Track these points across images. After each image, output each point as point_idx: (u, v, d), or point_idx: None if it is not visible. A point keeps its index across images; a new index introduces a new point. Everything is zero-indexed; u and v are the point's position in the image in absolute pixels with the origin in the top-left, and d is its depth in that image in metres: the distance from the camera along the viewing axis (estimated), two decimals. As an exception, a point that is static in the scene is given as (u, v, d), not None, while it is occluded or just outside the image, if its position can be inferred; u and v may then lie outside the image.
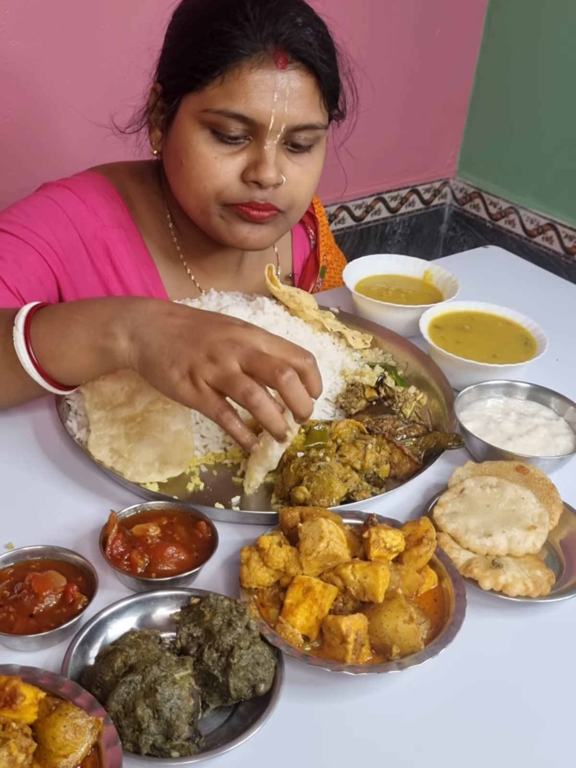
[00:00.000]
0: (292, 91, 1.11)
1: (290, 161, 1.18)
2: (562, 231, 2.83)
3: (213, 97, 1.12)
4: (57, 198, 1.27)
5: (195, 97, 1.14)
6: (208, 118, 1.13)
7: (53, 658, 0.80)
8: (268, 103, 1.11)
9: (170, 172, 1.24)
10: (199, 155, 1.15)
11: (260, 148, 1.14)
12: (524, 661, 0.85)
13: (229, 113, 1.11)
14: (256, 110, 1.11)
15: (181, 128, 1.17)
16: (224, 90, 1.11)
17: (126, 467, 1.00)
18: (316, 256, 1.58)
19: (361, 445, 1.02)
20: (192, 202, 1.21)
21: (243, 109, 1.11)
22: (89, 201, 1.29)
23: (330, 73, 1.17)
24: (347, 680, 0.80)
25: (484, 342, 1.29)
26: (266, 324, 1.20)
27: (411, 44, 2.74)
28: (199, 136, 1.15)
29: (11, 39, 1.98)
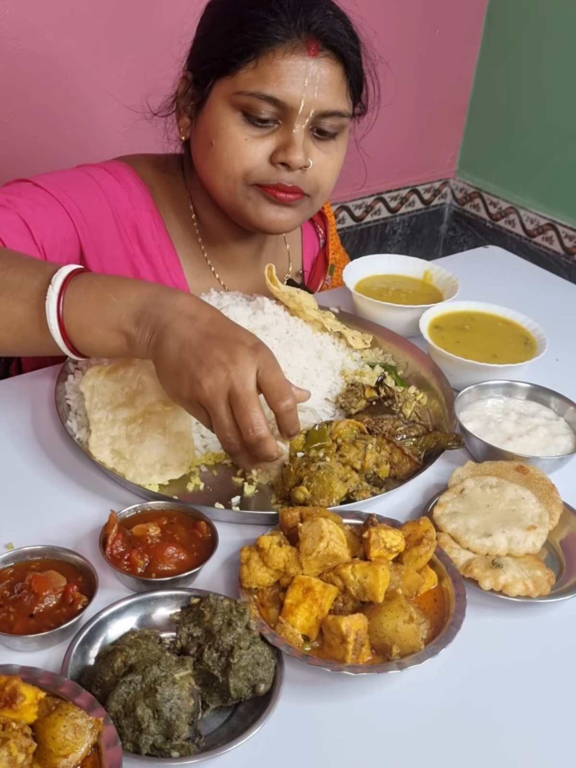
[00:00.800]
0: (322, 78, 1.17)
1: (316, 147, 1.23)
2: (562, 231, 2.83)
3: (246, 80, 1.16)
4: (94, 174, 1.31)
5: (228, 80, 1.18)
6: (240, 100, 1.17)
7: (53, 658, 0.80)
8: (299, 88, 1.16)
9: (199, 155, 1.27)
10: (230, 136, 1.19)
11: (289, 132, 1.19)
12: (524, 661, 0.85)
13: (261, 95, 1.16)
14: (288, 94, 1.16)
15: (213, 111, 1.21)
16: (257, 74, 1.16)
17: (127, 469, 1.00)
18: (326, 254, 1.60)
19: (361, 445, 1.02)
20: (221, 183, 1.23)
21: (275, 92, 1.15)
22: (123, 182, 1.33)
23: (357, 63, 1.23)
24: (347, 680, 0.80)
25: (484, 342, 1.29)
26: (266, 324, 1.20)
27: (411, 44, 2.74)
28: (231, 118, 1.19)
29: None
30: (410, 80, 2.81)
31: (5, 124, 2.05)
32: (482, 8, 2.85)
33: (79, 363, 1.19)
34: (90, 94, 2.15)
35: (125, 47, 2.15)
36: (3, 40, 1.96)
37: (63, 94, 2.11)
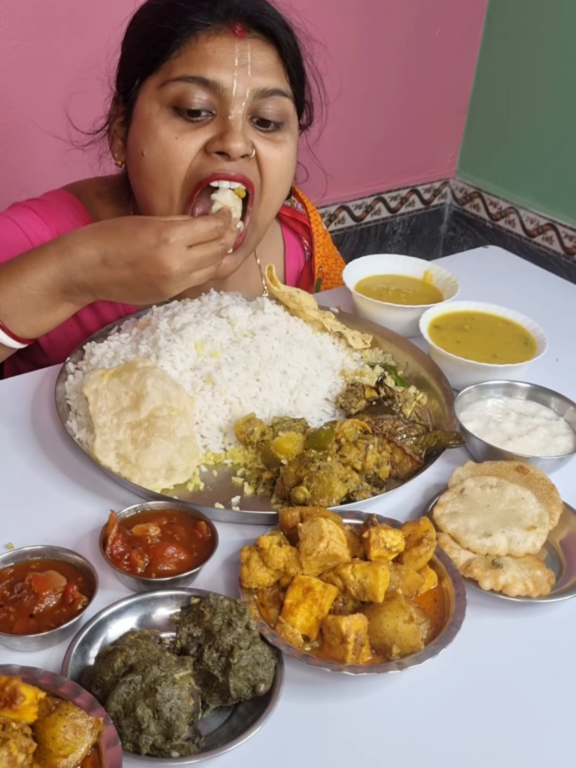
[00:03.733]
0: (253, 58, 1.11)
1: (259, 137, 1.15)
2: (562, 231, 2.83)
3: (171, 68, 1.12)
4: (20, 220, 1.26)
5: (153, 78, 1.14)
6: (168, 91, 1.11)
7: (53, 658, 0.80)
8: (229, 68, 1.10)
9: (133, 175, 1.21)
10: (159, 140, 1.12)
11: (225, 119, 1.11)
12: (524, 661, 0.85)
13: (188, 77, 1.10)
14: (217, 74, 1.10)
15: (141, 115, 1.15)
16: (182, 59, 1.11)
17: (133, 473, 1.00)
18: (311, 268, 1.55)
19: (363, 446, 1.02)
20: (158, 200, 1.17)
21: (202, 72, 1.09)
22: (54, 225, 1.28)
23: (291, 44, 1.16)
24: (347, 680, 0.80)
25: (484, 342, 1.29)
26: (266, 324, 1.20)
27: (411, 44, 2.74)
28: (160, 117, 1.12)
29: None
30: (410, 80, 2.81)
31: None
32: (482, 8, 2.85)
33: (80, 363, 1.19)
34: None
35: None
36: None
37: None
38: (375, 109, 2.76)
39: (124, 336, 1.21)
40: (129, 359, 1.13)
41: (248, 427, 1.05)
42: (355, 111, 2.68)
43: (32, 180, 1.42)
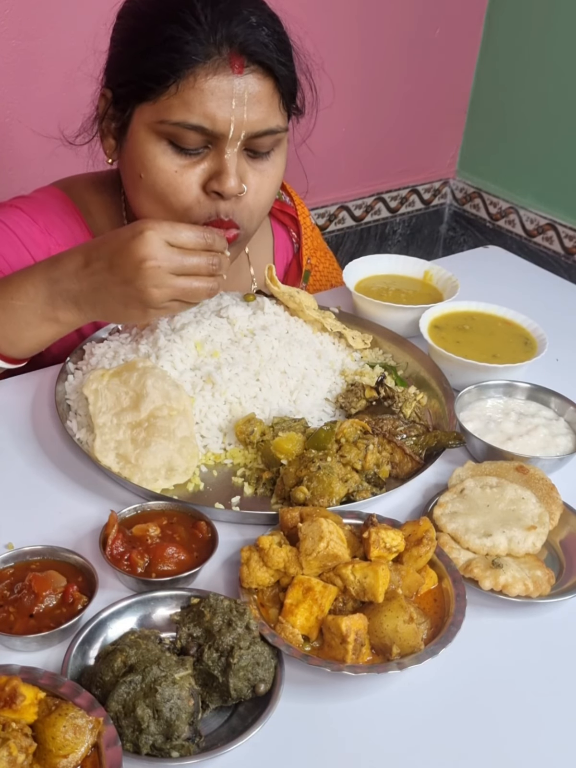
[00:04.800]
0: (250, 96, 1.07)
1: (251, 168, 1.14)
2: (562, 231, 2.83)
3: (168, 107, 1.07)
4: (7, 220, 1.25)
5: (149, 107, 1.09)
6: (164, 129, 1.08)
7: (53, 658, 0.80)
8: (227, 111, 1.06)
9: (129, 185, 1.20)
10: (158, 169, 1.11)
11: (220, 158, 1.10)
12: (524, 661, 0.85)
13: (187, 125, 1.07)
14: (215, 120, 1.06)
15: (137, 140, 1.12)
16: (180, 100, 1.06)
17: (133, 473, 1.00)
18: (299, 260, 1.54)
19: (363, 446, 1.02)
20: (162, 216, 1.15)
21: (201, 120, 1.06)
22: (42, 221, 1.26)
23: (288, 74, 1.12)
24: (347, 680, 0.80)
25: (484, 342, 1.29)
26: (266, 324, 1.20)
27: (411, 44, 2.74)
28: (157, 148, 1.10)
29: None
30: (410, 80, 2.81)
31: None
32: (482, 8, 2.85)
33: (80, 363, 1.19)
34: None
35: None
36: None
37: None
38: (375, 109, 2.76)
39: (124, 336, 1.22)
40: (129, 359, 1.13)
41: (248, 427, 1.05)
42: (354, 111, 2.67)
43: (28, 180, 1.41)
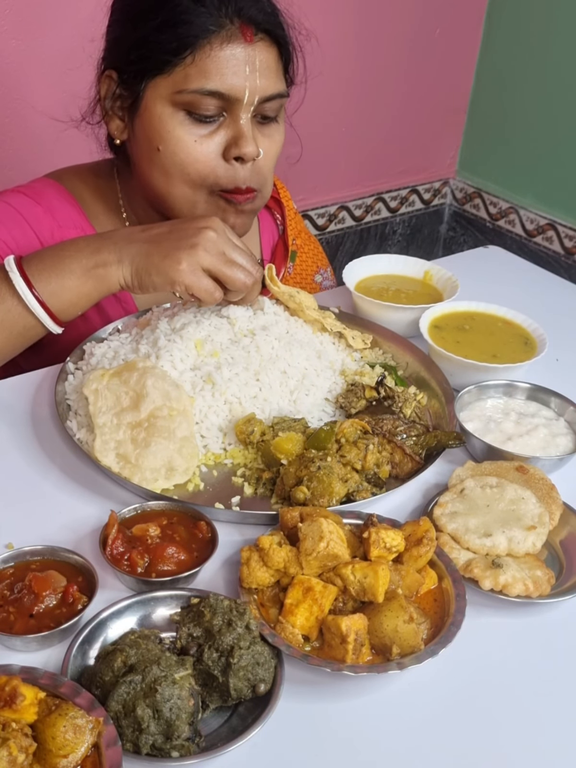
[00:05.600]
0: (261, 63, 1.13)
1: (260, 133, 1.19)
2: (562, 231, 2.83)
3: (185, 77, 1.12)
4: (12, 201, 1.27)
5: (163, 79, 1.14)
6: (182, 99, 1.13)
7: (53, 658, 0.80)
8: (242, 77, 1.12)
9: (143, 161, 1.22)
10: (178, 140, 1.15)
11: (236, 124, 1.15)
12: (524, 662, 0.85)
13: (205, 91, 1.12)
14: (232, 85, 1.12)
15: (152, 114, 1.16)
16: (197, 69, 1.11)
17: (133, 473, 1.00)
18: (285, 240, 1.57)
19: (363, 446, 1.02)
20: (177, 190, 1.20)
21: (219, 86, 1.12)
22: (44, 203, 1.29)
23: (288, 42, 1.19)
24: (347, 680, 0.80)
25: (484, 342, 1.29)
26: (266, 324, 1.20)
27: (411, 44, 2.74)
28: (174, 119, 1.15)
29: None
30: (410, 80, 2.81)
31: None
32: (482, 8, 2.85)
33: (80, 363, 1.19)
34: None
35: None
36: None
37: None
38: (375, 108, 2.76)
39: (124, 336, 1.22)
40: (129, 359, 1.13)
41: (248, 427, 1.05)
42: (354, 111, 2.68)
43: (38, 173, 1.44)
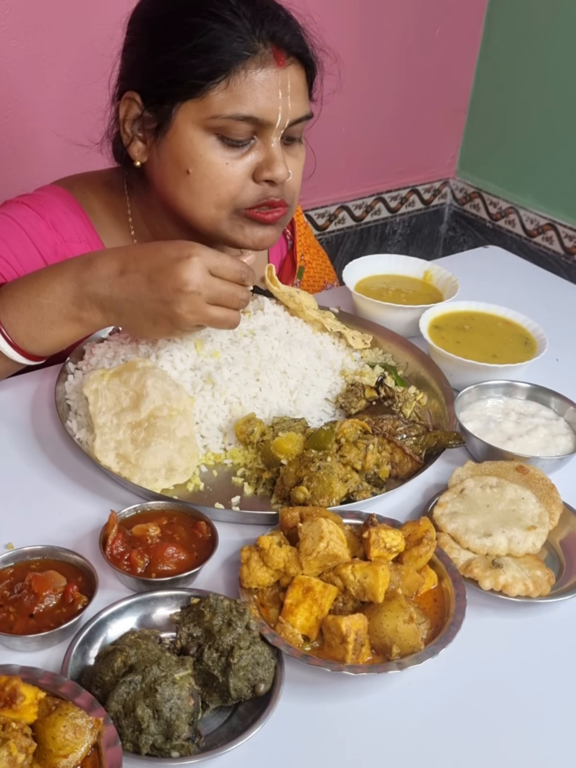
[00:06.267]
0: (292, 87, 1.14)
1: (287, 154, 1.19)
2: (562, 231, 2.83)
3: (219, 102, 1.11)
4: (15, 215, 1.25)
5: (195, 104, 1.12)
6: (215, 123, 1.12)
7: (53, 658, 0.80)
8: (275, 102, 1.12)
9: (169, 182, 1.21)
10: (209, 163, 1.15)
11: (267, 147, 1.15)
12: (524, 661, 0.85)
13: (239, 117, 1.11)
14: (266, 110, 1.12)
15: (183, 138, 1.15)
16: (230, 94, 1.10)
17: (133, 473, 1.00)
18: (293, 256, 1.56)
19: (363, 446, 1.02)
20: (202, 211, 1.19)
21: (253, 111, 1.11)
22: (48, 217, 1.27)
23: (314, 64, 1.20)
24: (347, 680, 0.80)
25: (484, 342, 1.29)
26: (266, 324, 1.21)
27: (411, 44, 2.74)
28: (206, 143, 1.14)
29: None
30: (410, 80, 2.81)
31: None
32: (482, 8, 2.85)
33: (80, 363, 1.19)
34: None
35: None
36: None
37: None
38: (375, 108, 2.76)
39: (124, 336, 1.21)
40: (129, 359, 1.13)
41: (248, 427, 1.05)
42: (354, 111, 2.67)
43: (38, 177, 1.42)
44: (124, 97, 1.19)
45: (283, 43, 1.12)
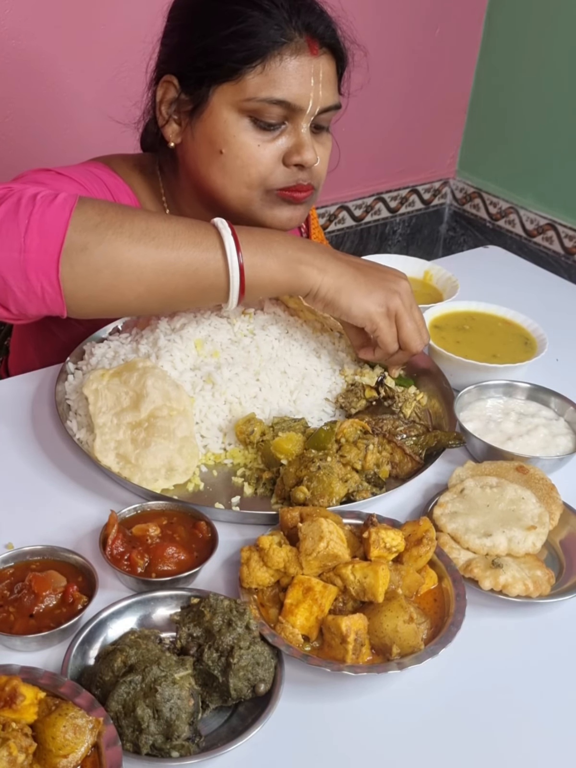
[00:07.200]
0: (324, 76, 1.18)
1: (315, 141, 1.23)
2: (562, 231, 2.83)
3: (255, 85, 1.15)
4: (93, 170, 1.29)
5: (231, 86, 1.17)
6: (249, 106, 1.16)
7: (53, 658, 0.80)
8: (308, 88, 1.16)
9: (201, 163, 1.24)
10: (242, 144, 1.18)
11: (298, 132, 1.19)
12: (524, 662, 0.85)
13: (273, 100, 1.15)
14: (298, 95, 1.16)
15: (218, 119, 1.19)
16: (267, 78, 1.15)
17: (133, 473, 1.00)
18: None
19: (363, 446, 1.02)
20: (233, 191, 1.22)
21: (286, 95, 1.15)
22: (118, 178, 1.31)
23: (345, 56, 1.24)
24: (347, 680, 0.80)
25: (484, 342, 1.29)
26: (266, 323, 1.21)
27: (411, 44, 2.74)
28: (239, 125, 1.18)
29: (11, 39, 1.99)
30: (410, 80, 2.81)
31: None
32: (482, 8, 2.86)
33: (80, 363, 1.19)
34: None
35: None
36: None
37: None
38: (375, 109, 2.76)
39: (124, 336, 1.22)
40: (129, 359, 1.13)
41: (248, 427, 1.05)
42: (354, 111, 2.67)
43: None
44: (162, 81, 1.23)
45: (317, 33, 1.17)
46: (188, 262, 1.01)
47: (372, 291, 1.09)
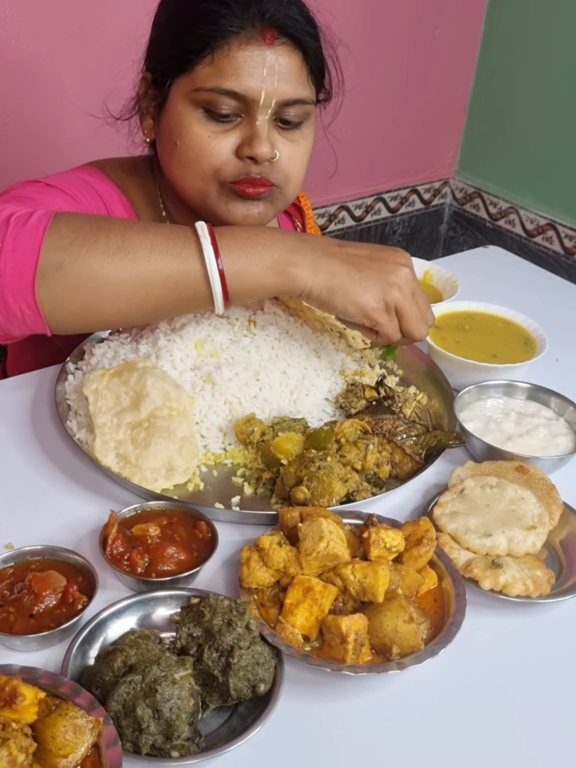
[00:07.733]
0: (280, 67, 1.14)
1: (282, 137, 1.20)
2: (562, 231, 2.83)
3: (204, 75, 1.14)
4: (84, 176, 1.29)
5: (186, 78, 1.16)
6: (200, 96, 1.15)
7: (53, 658, 0.80)
8: (258, 79, 1.13)
9: (164, 156, 1.25)
10: (193, 135, 1.17)
11: (252, 125, 1.16)
12: (524, 662, 0.85)
13: (220, 90, 1.13)
14: (247, 86, 1.13)
15: (174, 111, 1.18)
16: (214, 68, 1.13)
17: (133, 473, 1.00)
18: None
19: (363, 446, 1.02)
20: (189, 183, 1.21)
21: (234, 86, 1.13)
22: (109, 184, 1.31)
23: (316, 49, 1.19)
24: (347, 680, 0.80)
25: (484, 342, 1.29)
26: (266, 323, 1.21)
27: (411, 44, 2.74)
28: (192, 116, 1.17)
29: (11, 39, 1.99)
30: (410, 80, 2.81)
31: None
32: (482, 8, 2.86)
33: (80, 363, 1.19)
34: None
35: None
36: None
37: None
38: (375, 109, 2.76)
39: (123, 336, 1.21)
40: (129, 359, 1.13)
41: (248, 427, 1.05)
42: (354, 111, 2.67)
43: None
44: (140, 78, 1.25)
45: (275, 22, 1.13)
46: (167, 275, 0.99)
47: (368, 287, 1.05)
